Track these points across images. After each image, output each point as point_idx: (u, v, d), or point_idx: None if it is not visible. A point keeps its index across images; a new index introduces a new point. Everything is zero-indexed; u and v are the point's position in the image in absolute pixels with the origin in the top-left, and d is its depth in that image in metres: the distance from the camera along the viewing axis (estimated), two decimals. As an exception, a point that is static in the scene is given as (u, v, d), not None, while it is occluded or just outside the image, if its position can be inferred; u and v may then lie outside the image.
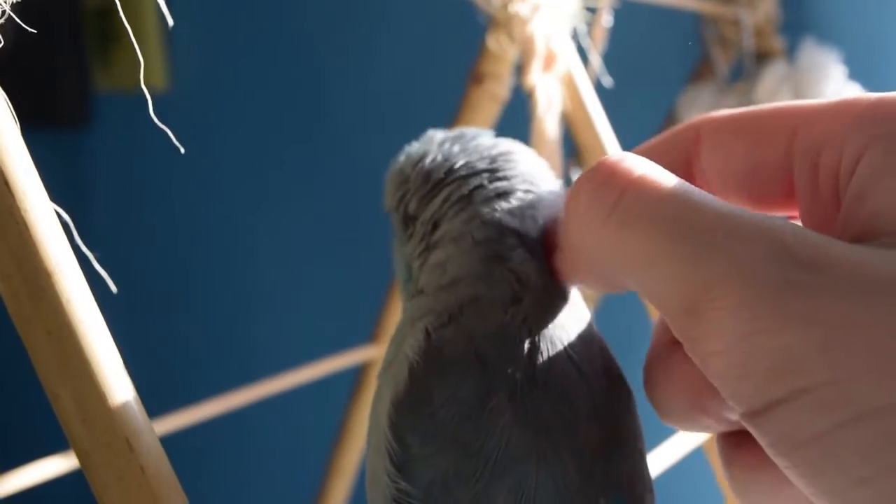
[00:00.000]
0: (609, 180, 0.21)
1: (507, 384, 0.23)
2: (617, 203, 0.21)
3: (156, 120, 0.28)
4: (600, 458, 0.23)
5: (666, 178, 0.21)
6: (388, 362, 0.26)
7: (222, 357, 1.27)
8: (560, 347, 0.24)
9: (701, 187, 0.25)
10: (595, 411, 0.24)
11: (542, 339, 0.24)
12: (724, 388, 0.19)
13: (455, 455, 0.23)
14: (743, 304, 0.18)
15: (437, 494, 0.23)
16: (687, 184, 0.21)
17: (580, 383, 0.24)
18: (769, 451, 0.19)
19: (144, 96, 0.28)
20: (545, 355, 0.24)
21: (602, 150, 0.45)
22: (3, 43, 0.25)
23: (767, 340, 0.18)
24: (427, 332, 0.24)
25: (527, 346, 0.24)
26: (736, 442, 0.22)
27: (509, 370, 0.23)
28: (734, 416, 0.21)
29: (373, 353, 0.63)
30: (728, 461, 0.23)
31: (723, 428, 0.23)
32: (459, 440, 0.23)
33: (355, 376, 0.66)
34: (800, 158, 0.23)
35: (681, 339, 0.20)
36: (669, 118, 0.86)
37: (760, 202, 0.25)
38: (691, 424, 0.23)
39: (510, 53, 0.48)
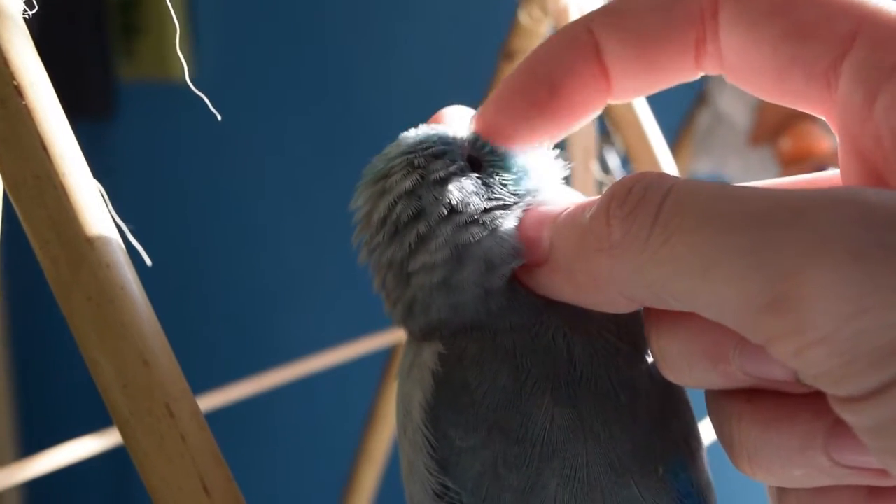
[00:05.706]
0: (642, 200, 0.19)
1: (548, 379, 0.22)
2: (656, 218, 0.19)
3: (207, 102, 0.28)
4: (659, 424, 0.23)
5: (700, 181, 0.19)
6: (408, 367, 0.24)
7: (246, 343, 1.27)
8: (598, 337, 0.23)
9: (712, 54, 0.22)
10: (651, 379, 0.23)
11: (577, 339, 0.23)
12: (822, 377, 0.17)
13: (501, 443, 0.22)
14: (842, 280, 0.16)
15: (488, 485, 0.22)
16: (727, 183, 0.19)
17: (629, 363, 0.23)
18: (872, 435, 0.17)
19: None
20: (586, 352, 0.22)
21: (638, 125, 0.44)
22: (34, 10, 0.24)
23: (878, 317, 0.16)
24: (445, 343, 0.23)
25: (564, 353, 0.22)
26: (747, 397, 0.21)
27: (548, 373, 0.22)
28: (757, 372, 0.20)
29: (402, 336, 0.63)
30: (737, 417, 0.21)
31: (731, 384, 0.21)
32: (503, 427, 0.22)
33: (383, 360, 0.66)
34: (852, 79, 0.20)
35: (760, 342, 0.18)
36: (700, 96, 0.85)
37: (785, 96, 0.22)
38: (695, 379, 0.21)
39: (542, 28, 0.48)
